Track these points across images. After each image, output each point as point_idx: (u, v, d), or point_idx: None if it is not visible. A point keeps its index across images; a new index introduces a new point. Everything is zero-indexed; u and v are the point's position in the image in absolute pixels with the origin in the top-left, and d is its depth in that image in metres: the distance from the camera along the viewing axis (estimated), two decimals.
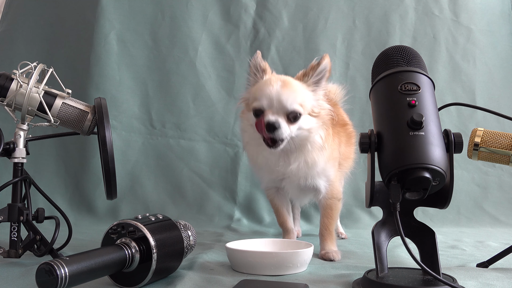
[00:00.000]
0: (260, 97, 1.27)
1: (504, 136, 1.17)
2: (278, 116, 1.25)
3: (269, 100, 1.25)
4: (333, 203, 1.42)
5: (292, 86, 1.28)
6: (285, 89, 1.26)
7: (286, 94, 1.25)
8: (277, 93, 1.25)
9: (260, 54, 1.37)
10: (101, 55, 2.38)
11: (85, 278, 0.82)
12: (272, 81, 1.28)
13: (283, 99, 1.24)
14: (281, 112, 1.26)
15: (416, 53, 1.03)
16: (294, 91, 1.27)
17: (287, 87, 1.27)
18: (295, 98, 1.26)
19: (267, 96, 1.25)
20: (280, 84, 1.26)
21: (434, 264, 0.96)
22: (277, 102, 1.25)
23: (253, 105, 1.29)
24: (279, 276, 1.10)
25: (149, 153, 2.37)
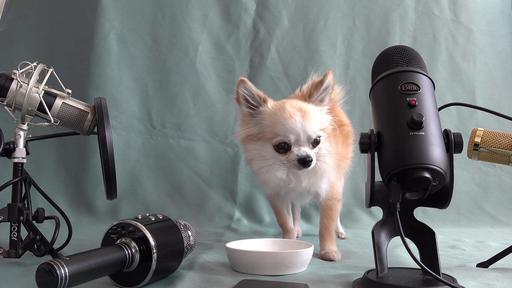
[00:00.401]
0: (284, 133, 1.25)
1: (504, 136, 1.17)
2: (306, 148, 1.26)
3: (295, 135, 1.25)
4: (333, 204, 1.43)
5: (310, 114, 1.26)
6: (307, 120, 1.25)
7: (309, 124, 1.24)
8: (302, 126, 1.24)
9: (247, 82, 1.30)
10: (101, 55, 2.38)
11: (85, 278, 0.82)
12: (292, 113, 1.25)
13: (308, 131, 1.25)
14: (307, 142, 1.26)
15: (416, 53, 1.03)
16: (313, 118, 1.26)
17: (307, 117, 1.25)
18: (316, 125, 1.26)
19: (293, 131, 1.24)
20: (301, 115, 1.25)
21: (434, 264, 0.96)
22: (304, 134, 1.25)
23: (276, 140, 1.26)
24: (279, 276, 1.10)
25: (149, 153, 2.37)
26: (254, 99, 1.29)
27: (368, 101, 1.08)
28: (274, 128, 1.26)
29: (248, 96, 1.29)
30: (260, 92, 1.31)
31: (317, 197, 1.43)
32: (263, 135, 1.29)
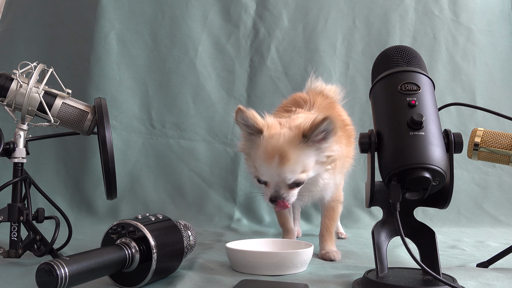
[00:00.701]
0: (260, 172, 1.24)
1: (504, 136, 1.17)
2: (281, 188, 1.22)
3: (269, 177, 1.23)
4: (336, 205, 1.43)
5: (290, 160, 1.19)
6: (282, 167, 1.19)
7: (285, 170, 1.19)
8: (276, 171, 1.20)
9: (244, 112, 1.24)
10: (101, 55, 2.38)
11: (85, 278, 0.82)
12: (270, 156, 1.20)
13: (283, 177, 1.21)
14: (283, 184, 1.22)
15: (416, 53, 1.03)
16: (292, 164, 1.20)
17: (285, 163, 1.19)
18: (294, 171, 1.20)
19: (267, 174, 1.22)
20: (278, 160, 1.19)
21: (434, 264, 0.96)
22: (278, 178, 1.21)
23: (256, 175, 1.26)
24: (279, 276, 1.10)
25: (149, 153, 2.37)
26: (250, 128, 1.26)
27: (368, 101, 1.08)
28: (255, 162, 1.25)
29: (245, 125, 1.26)
30: (258, 120, 1.25)
31: (321, 200, 1.43)
32: (252, 157, 1.28)
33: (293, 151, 1.20)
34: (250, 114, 1.24)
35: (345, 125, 1.52)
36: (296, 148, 1.20)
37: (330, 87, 1.67)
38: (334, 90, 1.69)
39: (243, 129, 1.29)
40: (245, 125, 1.26)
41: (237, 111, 1.25)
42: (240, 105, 1.26)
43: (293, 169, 1.20)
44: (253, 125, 1.24)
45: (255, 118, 1.24)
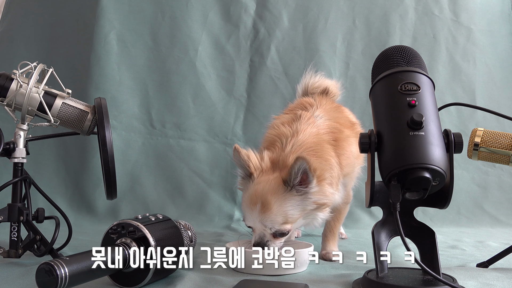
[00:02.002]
0: (245, 217, 1.22)
1: (504, 136, 1.17)
2: (265, 236, 1.18)
3: (252, 223, 1.20)
4: (343, 207, 1.41)
5: (271, 209, 1.15)
6: (264, 215, 1.15)
7: (265, 219, 1.15)
8: (257, 218, 1.16)
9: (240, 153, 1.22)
10: (101, 55, 2.38)
11: (85, 278, 0.82)
12: (252, 203, 1.17)
13: (264, 224, 1.17)
14: (267, 233, 1.18)
15: (416, 53, 1.03)
16: (274, 214, 1.15)
17: (266, 211, 1.15)
18: (274, 221, 1.15)
19: (249, 219, 1.20)
20: (260, 207, 1.15)
21: (434, 264, 0.96)
22: (260, 225, 1.18)
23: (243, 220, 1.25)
24: (279, 276, 1.10)
25: (149, 153, 2.37)
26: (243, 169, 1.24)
27: (368, 101, 1.08)
28: (242, 205, 1.23)
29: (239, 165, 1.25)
30: (251, 164, 1.22)
31: None
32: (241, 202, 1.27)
33: (275, 200, 1.15)
34: (245, 156, 1.21)
35: (353, 124, 1.51)
36: (279, 197, 1.16)
37: (331, 82, 1.66)
38: (336, 86, 1.67)
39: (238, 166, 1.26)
40: (240, 165, 1.24)
41: (234, 150, 1.23)
42: (236, 144, 1.24)
43: (273, 219, 1.15)
44: (245, 168, 1.22)
45: (248, 162, 1.21)
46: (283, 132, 1.31)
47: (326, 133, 1.32)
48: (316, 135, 1.30)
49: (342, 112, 1.53)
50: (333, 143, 1.31)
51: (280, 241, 1.20)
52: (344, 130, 1.38)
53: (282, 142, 1.28)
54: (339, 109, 1.55)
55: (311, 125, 1.32)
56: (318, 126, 1.33)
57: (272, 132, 1.35)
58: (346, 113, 1.57)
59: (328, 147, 1.29)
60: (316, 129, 1.32)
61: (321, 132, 1.32)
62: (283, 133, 1.31)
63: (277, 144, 1.29)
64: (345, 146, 1.34)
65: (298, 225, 1.22)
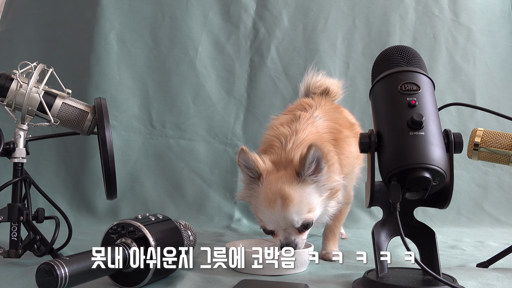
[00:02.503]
0: (265, 221, 1.17)
1: (504, 136, 1.16)
2: (290, 234, 1.16)
3: (276, 224, 1.16)
4: (344, 207, 1.40)
5: (293, 200, 1.14)
6: (287, 209, 1.13)
7: (290, 212, 1.13)
8: (281, 214, 1.13)
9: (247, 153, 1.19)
10: (101, 55, 2.38)
11: (85, 278, 0.83)
12: (271, 201, 1.14)
13: (289, 220, 1.14)
14: (292, 229, 1.16)
15: (416, 53, 1.03)
16: (297, 204, 1.14)
17: (288, 204, 1.13)
18: (300, 212, 1.14)
19: (272, 220, 1.15)
20: (281, 203, 1.13)
21: (434, 264, 0.96)
22: (284, 223, 1.15)
23: (261, 225, 1.20)
24: (279, 276, 1.10)
25: (149, 153, 2.37)
26: (251, 172, 1.20)
27: (368, 101, 1.08)
28: (257, 211, 1.19)
29: (246, 167, 1.21)
30: (260, 164, 1.20)
31: None
32: (253, 207, 1.23)
33: (294, 191, 1.14)
34: (252, 157, 1.19)
35: (352, 125, 1.51)
36: (296, 187, 1.15)
37: (333, 81, 1.66)
38: (337, 85, 1.67)
39: (244, 171, 1.22)
40: (246, 167, 1.21)
41: (240, 152, 1.20)
42: (243, 146, 1.21)
43: (298, 209, 1.14)
44: (254, 169, 1.19)
45: (256, 162, 1.19)
46: (282, 133, 1.30)
47: (325, 133, 1.33)
48: (316, 134, 1.30)
49: (341, 113, 1.54)
50: (332, 142, 1.31)
51: (305, 236, 1.18)
52: (344, 130, 1.38)
53: (282, 142, 1.27)
54: (338, 109, 1.55)
55: (311, 125, 1.32)
56: (317, 126, 1.33)
57: (271, 133, 1.35)
58: (345, 113, 1.58)
59: (329, 145, 1.29)
60: (315, 129, 1.32)
61: (320, 131, 1.32)
62: (282, 134, 1.30)
63: (276, 145, 1.28)
64: (344, 146, 1.34)
65: (317, 216, 1.21)
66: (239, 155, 1.20)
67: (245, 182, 1.24)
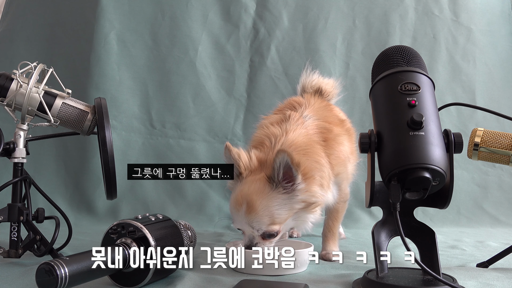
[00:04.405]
0: (233, 220, 1.20)
1: (504, 136, 1.16)
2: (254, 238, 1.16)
3: (240, 225, 1.18)
4: (340, 206, 1.40)
5: (256, 210, 1.12)
6: (249, 216, 1.13)
7: (251, 220, 1.13)
8: (244, 219, 1.14)
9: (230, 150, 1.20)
10: (101, 55, 2.38)
11: (85, 278, 0.82)
12: (237, 204, 1.15)
13: (251, 225, 1.14)
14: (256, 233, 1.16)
15: (416, 53, 1.03)
16: (259, 215, 1.13)
17: (251, 212, 1.13)
18: (261, 222, 1.13)
19: (236, 221, 1.18)
20: (245, 208, 1.13)
21: (434, 264, 0.96)
22: (247, 227, 1.16)
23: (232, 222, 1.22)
24: (279, 276, 1.10)
25: (149, 153, 2.37)
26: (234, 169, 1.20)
27: (368, 101, 1.08)
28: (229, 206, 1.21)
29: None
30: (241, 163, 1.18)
31: None
32: None
33: (260, 200, 1.13)
34: (235, 155, 1.19)
35: (342, 121, 1.50)
36: (265, 196, 1.13)
37: (328, 81, 1.65)
38: (332, 84, 1.66)
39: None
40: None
41: (225, 148, 1.21)
42: (227, 142, 1.21)
43: (259, 220, 1.13)
44: (236, 166, 1.19)
45: (238, 161, 1.18)
46: (272, 132, 1.29)
47: (315, 133, 1.31)
48: (306, 136, 1.28)
49: (331, 111, 1.52)
50: (322, 143, 1.30)
51: (270, 243, 1.17)
52: (333, 129, 1.36)
53: (271, 141, 1.26)
54: (328, 107, 1.53)
55: (300, 125, 1.31)
56: (306, 126, 1.32)
57: (261, 132, 1.33)
58: (335, 111, 1.57)
59: (318, 147, 1.27)
60: (305, 130, 1.30)
61: (310, 132, 1.30)
62: (272, 133, 1.29)
63: (266, 143, 1.27)
64: (335, 146, 1.32)
65: (288, 227, 1.20)
66: (224, 151, 1.21)
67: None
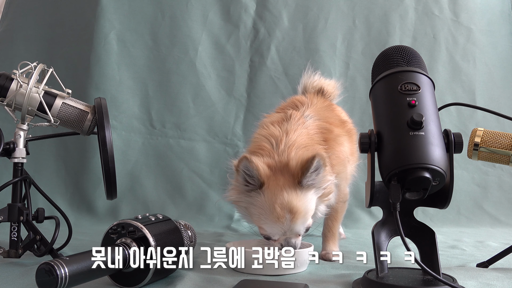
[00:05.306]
0: (270, 231, 1.17)
1: (504, 136, 1.16)
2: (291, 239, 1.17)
3: (281, 234, 1.16)
4: (340, 206, 1.41)
5: (301, 214, 1.14)
6: (295, 222, 1.14)
7: (298, 224, 1.15)
8: (289, 227, 1.14)
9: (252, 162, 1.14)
10: (101, 55, 2.38)
11: (85, 278, 0.82)
12: (280, 216, 1.13)
13: (296, 230, 1.16)
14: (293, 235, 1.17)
15: (416, 53, 1.03)
16: (303, 216, 1.15)
17: (297, 218, 1.14)
18: (305, 221, 1.17)
19: (280, 232, 1.16)
20: (290, 218, 1.13)
21: (434, 264, 0.96)
22: (291, 233, 1.16)
23: (262, 233, 1.20)
24: (279, 276, 1.10)
25: (149, 153, 2.37)
26: (252, 180, 1.16)
27: (368, 101, 1.08)
28: (260, 221, 1.17)
29: (247, 175, 1.16)
30: (262, 172, 1.15)
31: None
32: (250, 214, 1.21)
33: (300, 203, 1.15)
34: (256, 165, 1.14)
35: (344, 122, 1.51)
36: (301, 198, 1.15)
37: (329, 82, 1.66)
38: (333, 85, 1.67)
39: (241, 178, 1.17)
40: (247, 175, 1.16)
41: (241, 159, 1.15)
42: (246, 154, 1.16)
43: (304, 220, 1.16)
44: (257, 177, 1.15)
45: (259, 170, 1.15)
46: (272, 133, 1.28)
47: (315, 133, 1.31)
48: (307, 135, 1.29)
49: (332, 111, 1.53)
50: (323, 143, 1.30)
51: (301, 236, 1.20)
52: (334, 129, 1.37)
53: (272, 144, 1.25)
54: (330, 107, 1.54)
55: (301, 125, 1.31)
56: (307, 126, 1.31)
57: (261, 133, 1.32)
58: (337, 111, 1.57)
59: (319, 147, 1.27)
60: (306, 130, 1.30)
61: (311, 132, 1.30)
62: (272, 134, 1.28)
63: (266, 146, 1.26)
64: (335, 146, 1.33)
65: None
66: (240, 162, 1.15)
67: (239, 187, 1.20)
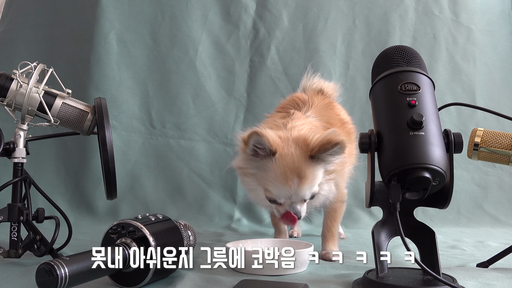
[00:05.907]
0: (277, 194, 1.21)
1: (504, 136, 1.16)
2: (296, 205, 1.22)
3: (287, 198, 1.21)
4: (338, 206, 1.42)
5: (308, 179, 1.19)
6: (302, 186, 1.19)
7: (304, 189, 1.19)
8: (295, 191, 1.19)
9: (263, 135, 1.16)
10: (101, 55, 2.38)
11: (85, 278, 0.82)
12: (289, 178, 1.17)
13: (302, 195, 1.20)
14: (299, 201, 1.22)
15: (416, 53, 1.03)
16: (310, 182, 1.20)
17: (304, 183, 1.19)
18: (311, 187, 1.21)
19: (286, 196, 1.20)
20: (297, 181, 1.18)
21: (434, 264, 0.96)
22: (296, 197, 1.20)
23: (268, 196, 1.23)
24: (279, 276, 1.10)
25: (149, 153, 2.37)
26: (263, 151, 1.18)
27: (368, 101, 1.08)
28: (267, 184, 1.21)
29: (258, 148, 1.18)
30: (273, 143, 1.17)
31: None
32: (258, 179, 1.24)
33: (309, 170, 1.19)
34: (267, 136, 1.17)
35: (344, 123, 1.52)
36: (310, 166, 1.19)
37: (329, 84, 1.66)
38: (333, 87, 1.67)
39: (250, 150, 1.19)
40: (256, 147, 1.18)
41: (251, 134, 1.16)
42: (256, 128, 1.18)
43: (310, 186, 1.21)
44: (269, 148, 1.17)
45: (270, 139, 1.17)
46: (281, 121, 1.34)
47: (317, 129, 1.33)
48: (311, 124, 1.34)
49: (333, 110, 1.54)
50: None
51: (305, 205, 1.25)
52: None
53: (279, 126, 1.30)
54: (330, 106, 1.56)
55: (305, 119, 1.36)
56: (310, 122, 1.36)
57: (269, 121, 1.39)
58: (337, 110, 1.58)
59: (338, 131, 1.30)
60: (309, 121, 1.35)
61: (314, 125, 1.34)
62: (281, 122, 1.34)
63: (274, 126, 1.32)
64: None
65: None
66: (249, 137, 1.17)
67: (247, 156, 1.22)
